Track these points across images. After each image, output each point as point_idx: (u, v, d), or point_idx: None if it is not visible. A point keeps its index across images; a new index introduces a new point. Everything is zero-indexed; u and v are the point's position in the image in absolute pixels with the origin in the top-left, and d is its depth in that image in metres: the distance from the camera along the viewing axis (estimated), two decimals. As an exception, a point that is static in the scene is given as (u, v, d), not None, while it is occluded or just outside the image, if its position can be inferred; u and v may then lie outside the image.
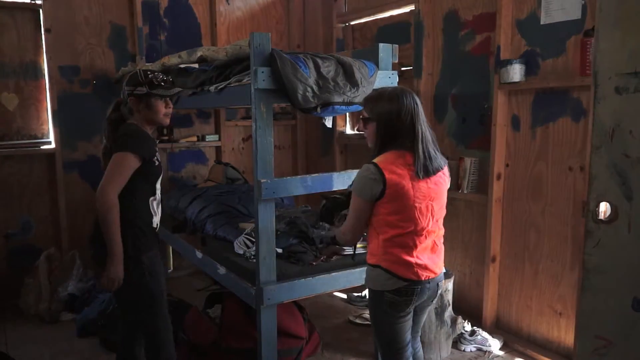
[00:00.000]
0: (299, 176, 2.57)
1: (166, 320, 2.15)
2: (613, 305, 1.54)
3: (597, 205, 1.54)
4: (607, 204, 1.53)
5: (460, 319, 3.03)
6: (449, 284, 2.93)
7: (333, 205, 2.14)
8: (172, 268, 4.36)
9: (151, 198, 2.13)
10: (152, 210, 2.13)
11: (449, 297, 2.92)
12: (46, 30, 3.76)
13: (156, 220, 2.17)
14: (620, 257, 1.51)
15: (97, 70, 3.98)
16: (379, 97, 1.95)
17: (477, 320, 3.18)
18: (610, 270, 1.54)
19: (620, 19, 1.46)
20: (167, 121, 2.21)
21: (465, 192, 3.22)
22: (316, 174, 2.56)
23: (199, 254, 3.00)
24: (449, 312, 2.93)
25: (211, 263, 2.85)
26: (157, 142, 2.24)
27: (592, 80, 1.53)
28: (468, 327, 3.06)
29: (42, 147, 3.85)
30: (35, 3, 3.74)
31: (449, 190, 2.03)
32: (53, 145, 3.86)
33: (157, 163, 2.12)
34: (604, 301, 1.56)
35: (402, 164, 1.84)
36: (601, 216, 1.55)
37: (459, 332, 3.02)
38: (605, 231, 1.53)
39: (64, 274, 3.65)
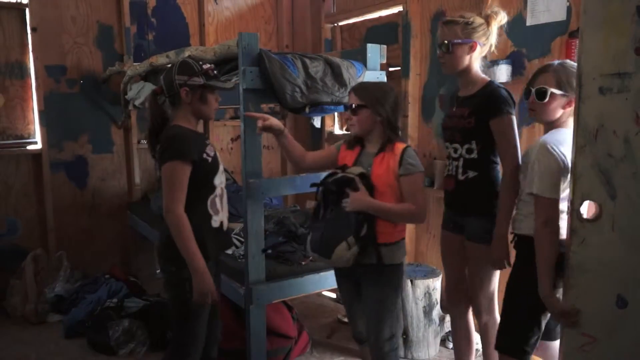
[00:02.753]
0: (288, 176, 2.58)
1: (196, 337, 2.01)
2: (598, 303, 1.56)
3: (581, 204, 1.57)
4: (591, 202, 1.56)
5: (447, 317, 3.05)
6: (437, 283, 2.95)
7: (340, 183, 2.03)
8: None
9: (211, 197, 2.01)
10: (210, 210, 2.01)
11: (437, 295, 2.94)
12: (32, 30, 3.72)
13: (219, 217, 2.05)
14: (605, 255, 1.53)
15: (84, 70, 3.95)
16: (368, 85, 2.17)
17: (465, 318, 3.20)
18: (594, 268, 1.56)
19: (604, 21, 1.48)
20: (214, 116, 2.11)
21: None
22: (304, 174, 2.57)
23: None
24: (436, 310, 2.95)
25: (200, 263, 2.84)
26: (205, 137, 2.14)
27: (576, 80, 1.55)
28: (456, 325, 3.08)
29: (28, 147, 3.82)
30: (21, 2, 3.70)
31: (437, 189, 2.10)
32: (39, 146, 3.82)
33: (210, 159, 1.99)
34: (588, 299, 1.58)
35: None
36: (585, 215, 1.58)
37: (447, 330, 3.04)
38: (589, 230, 1.55)
39: (51, 275, 3.62)
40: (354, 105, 2.08)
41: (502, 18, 2.16)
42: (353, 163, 2.11)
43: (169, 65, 3.04)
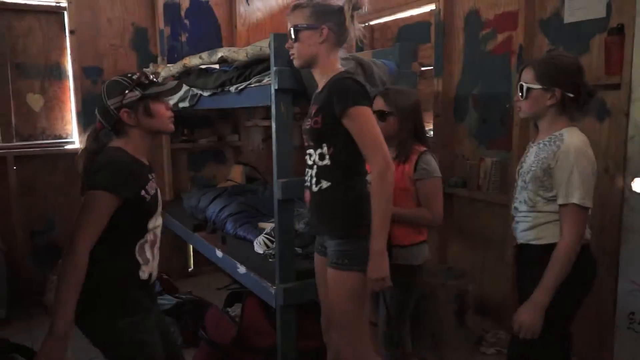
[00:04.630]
0: None
1: None
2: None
3: (633, 180, 2.15)
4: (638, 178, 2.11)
5: (480, 321, 3.00)
6: (470, 285, 2.90)
7: None
8: (192, 267, 4.41)
9: (140, 241, 1.70)
10: (138, 258, 1.69)
11: (469, 298, 2.89)
12: (70, 32, 3.83)
13: (148, 268, 1.73)
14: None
15: (120, 71, 4.03)
16: (395, 91, 2.16)
17: (497, 321, 3.15)
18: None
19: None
20: (172, 126, 1.80)
21: (485, 192, 3.18)
22: None
23: (219, 253, 3.02)
24: (468, 313, 2.90)
25: (231, 262, 2.87)
26: (150, 170, 1.79)
27: (626, 83, 1.66)
28: (489, 328, 3.03)
29: (65, 147, 3.93)
30: (60, 6, 3.81)
31: (469, 190, 2.08)
32: (77, 145, 3.92)
33: (148, 198, 1.67)
34: (637, 253, 2.18)
35: None
36: (635, 189, 2.08)
37: (479, 334, 2.99)
38: (637, 199, 2.21)
39: (86, 271, 3.71)
40: (381, 111, 2.10)
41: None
42: None
43: (202, 67, 3.10)
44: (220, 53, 2.75)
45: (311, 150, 1.88)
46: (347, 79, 1.78)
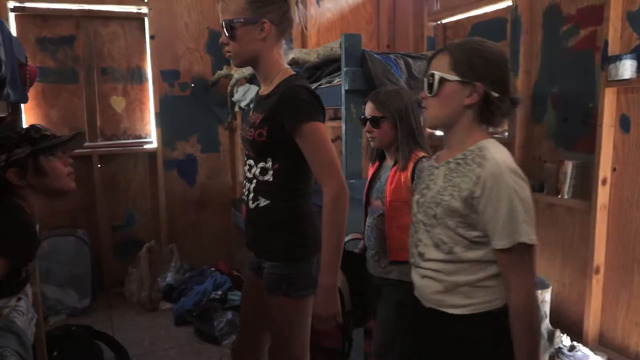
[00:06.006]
0: None
1: None
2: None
3: None
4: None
5: (558, 333, 2.85)
6: (546, 295, 2.76)
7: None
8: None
9: None
10: None
11: (546, 308, 2.76)
12: (150, 37, 4.02)
13: None
14: None
15: (195, 74, 4.20)
16: (386, 94, 1.98)
17: (577, 335, 2.97)
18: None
19: None
20: (74, 184, 1.58)
21: (565, 197, 3.01)
22: None
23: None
24: (545, 324, 2.77)
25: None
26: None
27: None
28: (567, 342, 2.87)
29: (145, 147, 4.13)
30: (141, 12, 4.02)
31: (547, 194, 1.86)
32: (155, 145, 4.12)
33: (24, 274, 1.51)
34: None
35: None
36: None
37: (556, 347, 2.84)
38: None
39: (162, 265, 3.89)
40: (373, 117, 1.96)
41: None
42: (371, 178, 2.06)
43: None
44: (292, 54, 2.79)
45: (251, 162, 1.65)
46: (299, 88, 1.53)
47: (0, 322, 1.81)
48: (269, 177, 1.60)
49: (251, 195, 1.64)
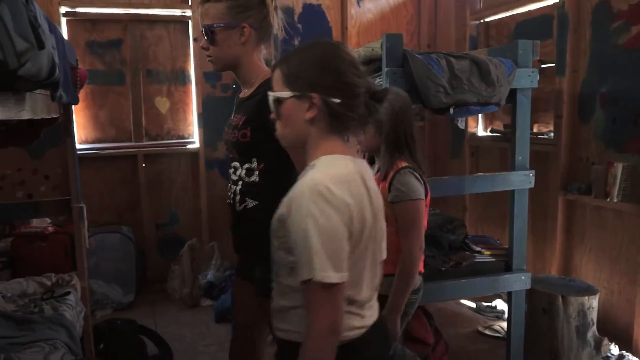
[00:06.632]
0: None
1: None
2: None
3: None
4: None
5: (606, 341, 2.75)
6: (594, 301, 2.67)
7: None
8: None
9: None
10: None
11: (593, 315, 2.66)
12: (194, 40, 4.10)
13: None
14: None
15: (234, 76, 4.25)
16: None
17: (626, 343, 2.85)
18: None
19: None
20: None
21: (615, 200, 2.89)
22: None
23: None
24: (592, 331, 2.67)
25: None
26: None
27: None
28: (615, 350, 2.76)
29: (188, 147, 4.22)
30: (185, 15, 4.11)
31: (595, 197, 1.79)
32: (197, 145, 4.20)
33: None
34: None
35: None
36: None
37: (604, 355, 2.74)
38: None
39: (203, 263, 3.97)
40: None
41: None
42: None
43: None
44: (332, 55, 2.79)
45: (236, 164, 1.66)
46: None
47: (51, 315, 1.89)
48: (255, 177, 1.62)
49: (237, 197, 1.65)
